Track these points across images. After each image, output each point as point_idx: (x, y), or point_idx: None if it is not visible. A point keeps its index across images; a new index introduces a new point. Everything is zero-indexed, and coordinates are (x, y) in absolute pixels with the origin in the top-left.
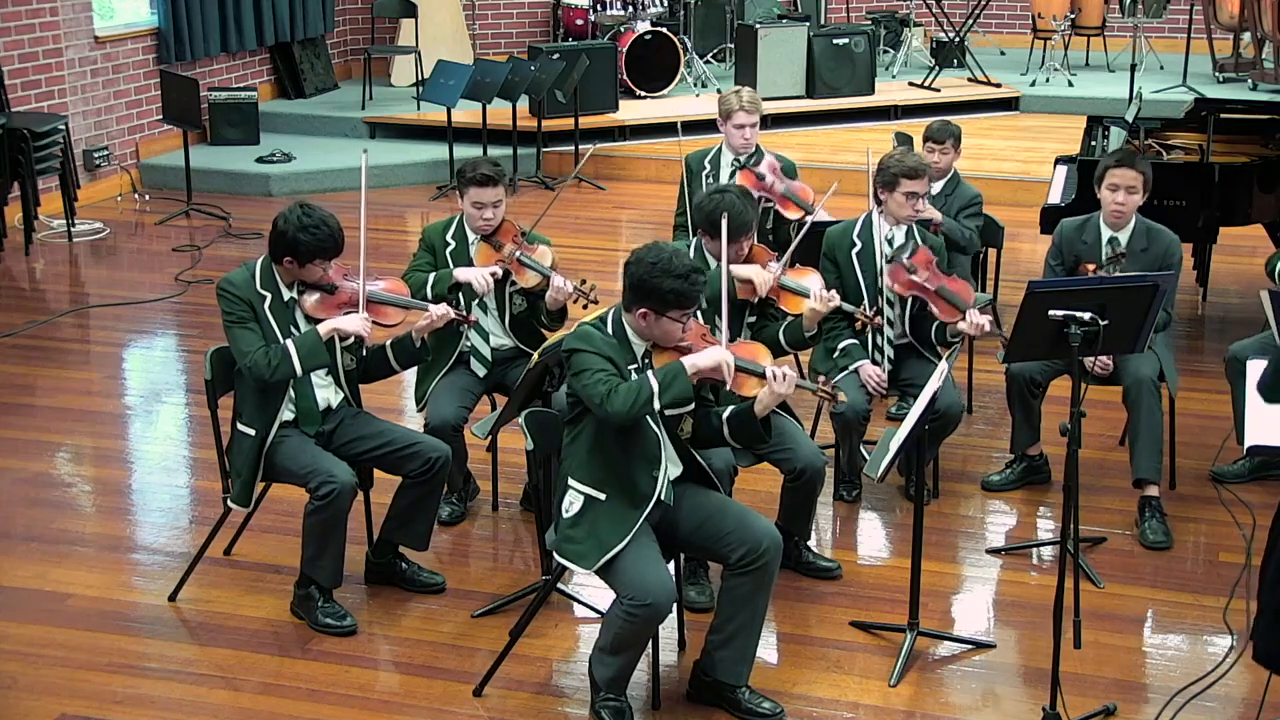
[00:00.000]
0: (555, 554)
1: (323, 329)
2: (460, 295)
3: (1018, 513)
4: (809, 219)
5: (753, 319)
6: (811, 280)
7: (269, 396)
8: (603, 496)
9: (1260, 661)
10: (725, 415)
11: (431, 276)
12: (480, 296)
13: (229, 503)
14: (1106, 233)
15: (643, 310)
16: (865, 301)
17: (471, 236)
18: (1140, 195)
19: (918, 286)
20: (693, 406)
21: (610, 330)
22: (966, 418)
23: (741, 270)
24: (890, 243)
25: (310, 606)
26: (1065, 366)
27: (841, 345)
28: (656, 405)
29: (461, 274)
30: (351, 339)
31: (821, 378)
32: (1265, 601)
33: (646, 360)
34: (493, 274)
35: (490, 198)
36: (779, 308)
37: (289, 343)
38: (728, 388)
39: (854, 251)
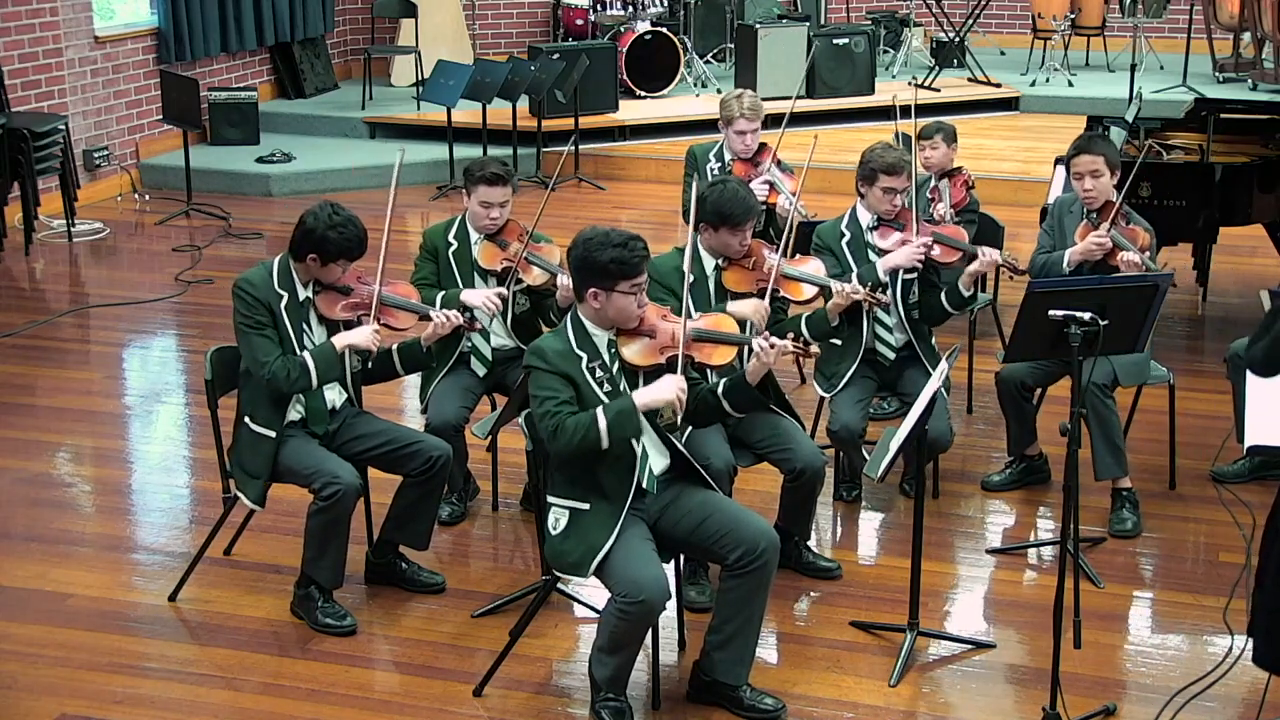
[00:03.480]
0: (554, 569)
1: (338, 343)
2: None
3: (1017, 513)
4: (799, 210)
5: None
6: (812, 265)
7: (282, 398)
8: (586, 506)
9: (1260, 664)
10: (720, 390)
11: (439, 297)
12: (490, 317)
13: (248, 503)
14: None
15: (592, 290)
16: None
17: (474, 236)
18: (1108, 175)
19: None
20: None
21: (570, 331)
22: (967, 417)
23: (736, 308)
24: (874, 231)
25: (310, 606)
26: (1056, 370)
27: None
28: (604, 446)
29: (468, 297)
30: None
31: (790, 334)
32: (1261, 602)
33: (613, 351)
34: (499, 295)
35: (498, 197)
36: (783, 298)
37: (307, 356)
38: (679, 416)
39: (844, 242)
